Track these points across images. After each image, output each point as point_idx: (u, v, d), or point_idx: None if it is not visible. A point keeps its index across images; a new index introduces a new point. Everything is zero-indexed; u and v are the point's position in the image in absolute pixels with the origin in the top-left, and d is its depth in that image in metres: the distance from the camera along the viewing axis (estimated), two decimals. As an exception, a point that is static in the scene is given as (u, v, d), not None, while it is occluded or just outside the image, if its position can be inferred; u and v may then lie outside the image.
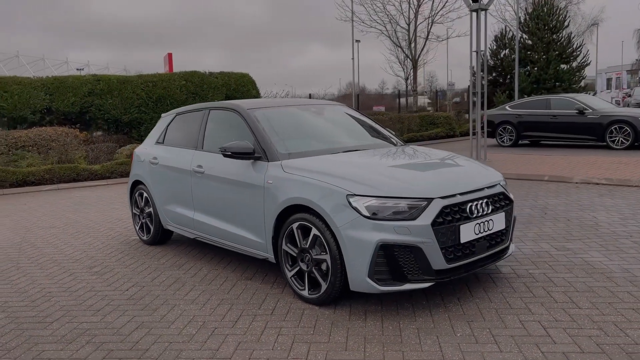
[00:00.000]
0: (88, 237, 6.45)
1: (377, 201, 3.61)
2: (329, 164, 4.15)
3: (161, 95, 15.64)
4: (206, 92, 16.49)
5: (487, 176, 4.21)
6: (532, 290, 4.06)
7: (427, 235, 3.56)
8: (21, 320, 3.87)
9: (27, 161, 11.48)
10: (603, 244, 5.18)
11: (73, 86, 14.60)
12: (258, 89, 18.17)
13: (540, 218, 6.42)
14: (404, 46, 23.92)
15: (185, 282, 4.60)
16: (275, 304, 3.99)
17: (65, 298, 4.31)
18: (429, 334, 3.38)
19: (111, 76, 15.46)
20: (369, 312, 3.75)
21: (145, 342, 3.43)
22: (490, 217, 3.91)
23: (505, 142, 15.65)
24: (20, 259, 5.56)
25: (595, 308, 3.67)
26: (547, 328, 3.39)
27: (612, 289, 4.01)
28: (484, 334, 3.35)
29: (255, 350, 3.25)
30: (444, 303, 3.87)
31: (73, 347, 3.38)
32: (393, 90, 50.65)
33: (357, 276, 3.60)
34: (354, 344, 3.28)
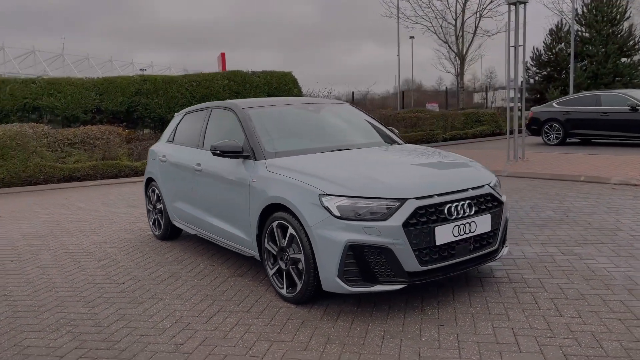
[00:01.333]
0: (108, 232, 6.74)
1: (349, 201, 3.58)
2: (310, 163, 4.15)
3: (204, 94, 16.05)
4: (248, 90, 16.78)
5: (475, 177, 4.08)
6: (519, 295, 3.90)
7: (397, 237, 3.50)
8: (18, 309, 4.11)
9: (74, 158, 12.10)
10: (615, 249, 4.90)
11: (121, 86, 15.25)
12: (300, 88, 18.30)
13: (559, 221, 6.14)
14: (451, 42, 23.36)
15: (179, 277, 4.73)
16: (256, 301, 4.04)
17: (65, 289, 4.53)
18: (394, 337, 3.33)
19: (157, 76, 16.02)
20: (343, 313, 3.73)
21: (119, 334, 3.56)
22: (473, 219, 3.79)
23: (552, 140, 15.03)
24: (40, 251, 5.90)
25: (578, 317, 3.49)
26: (518, 336, 3.26)
27: (605, 297, 3.80)
28: (450, 339, 3.26)
29: (217, 346, 3.31)
30: (422, 306, 3.79)
31: (52, 336, 3.57)
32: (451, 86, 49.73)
33: (328, 276, 3.60)
34: (316, 344, 3.28)
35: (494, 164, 11.18)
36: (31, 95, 14.41)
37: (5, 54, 59.27)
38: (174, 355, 3.22)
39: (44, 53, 63.71)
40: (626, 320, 3.40)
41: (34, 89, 14.51)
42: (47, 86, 14.67)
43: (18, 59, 60.47)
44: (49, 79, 15.35)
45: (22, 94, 14.31)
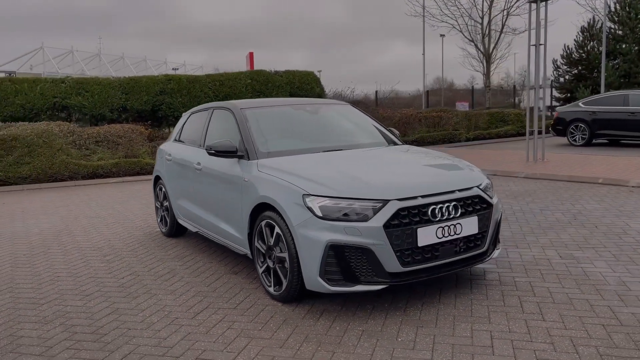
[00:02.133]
0: (120, 228, 6.94)
1: (331, 201, 3.63)
2: (298, 163, 4.20)
3: (227, 93, 16.27)
4: (270, 90, 16.93)
5: (463, 179, 4.07)
6: (506, 299, 3.88)
7: (378, 237, 3.53)
8: (20, 301, 4.29)
9: (98, 155, 12.46)
10: (617, 254, 4.80)
11: (146, 86, 15.59)
12: (322, 87, 18.38)
13: (566, 224, 6.04)
14: (477, 40, 23.03)
15: (177, 273, 4.85)
16: (244, 299, 4.12)
17: (67, 282, 4.71)
18: (371, 337, 3.36)
19: (181, 76, 16.32)
20: (326, 312, 3.77)
21: (108, 327, 3.69)
22: (458, 221, 3.79)
23: (578, 141, 14.70)
24: (52, 245, 6.12)
25: (560, 321, 3.45)
26: (495, 339, 3.25)
27: (593, 302, 3.74)
28: (426, 340, 3.27)
29: (198, 341, 3.40)
30: (406, 307, 3.81)
31: (46, 327, 3.72)
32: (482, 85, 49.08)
33: (310, 275, 3.65)
34: (293, 342, 3.34)
35: (511, 165, 11.02)
36: (60, 94, 14.87)
37: (45, 54, 61.26)
38: (154, 348, 3.32)
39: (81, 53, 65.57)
40: (609, 326, 3.35)
41: (63, 88, 14.97)
42: (76, 85, 15.11)
43: (57, 59, 62.42)
44: (78, 78, 15.82)
45: (52, 93, 14.79)
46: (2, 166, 11.38)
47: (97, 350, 3.32)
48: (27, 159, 11.59)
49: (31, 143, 11.61)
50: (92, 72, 57.78)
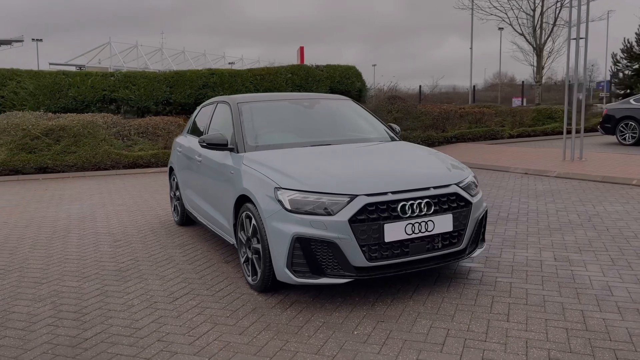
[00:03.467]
0: (139, 215, 7.28)
1: (300, 195, 3.71)
2: (279, 157, 4.30)
3: (268, 87, 16.54)
4: (310, 84, 17.06)
5: (441, 176, 4.04)
6: (479, 298, 3.83)
7: (343, 232, 3.58)
8: (25, 280, 4.63)
9: (139, 146, 13.01)
10: (616, 258, 4.62)
11: (190, 79, 16.08)
12: (364, 82, 18.33)
13: (577, 226, 5.84)
14: (528, 34, 22.22)
15: (173, 260, 5.07)
16: (225, 287, 4.27)
17: (72, 265, 5.02)
18: (329, 328, 3.42)
19: (223, 70, 16.72)
20: (297, 303, 3.86)
21: (91, 307, 3.93)
22: (430, 218, 3.77)
23: (627, 140, 13.99)
24: (73, 230, 6.51)
25: (524, 323, 3.39)
26: (450, 337, 3.24)
27: (568, 305, 3.64)
28: (381, 335, 3.30)
29: (166, 324, 3.57)
30: (375, 301, 3.84)
31: (37, 305, 4.01)
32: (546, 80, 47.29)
33: (279, 266, 3.75)
34: (254, 330, 3.45)
35: (545, 164, 10.66)
36: (109, 87, 15.59)
37: (112, 49, 64.22)
38: (124, 329, 3.52)
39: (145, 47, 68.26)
40: (573, 330, 3.26)
41: (112, 81, 15.69)
42: (124, 79, 15.80)
43: (123, 53, 65.27)
44: (126, 72, 16.52)
45: (101, 86, 15.53)
46: (51, 154, 12.10)
47: (73, 328, 3.56)
48: (73, 148, 12.26)
49: (77, 133, 12.28)
50: (155, 65, 60.10)
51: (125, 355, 3.14)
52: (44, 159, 12.02)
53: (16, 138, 11.94)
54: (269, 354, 3.10)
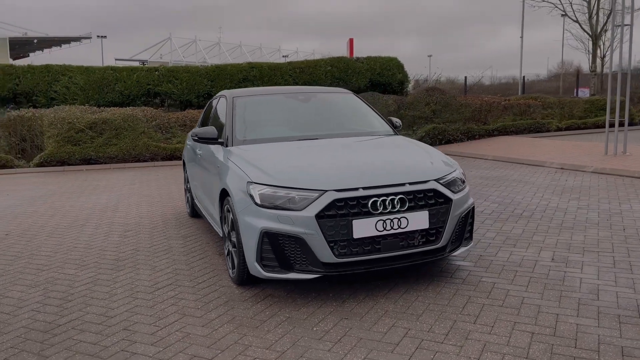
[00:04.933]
0: (158, 207, 7.51)
1: (270, 190, 3.71)
2: (260, 151, 4.32)
3: (307, 80, 16.58)
4: (350, 77, 16.97)
5: (419, 172, 3.92)
6: (454, 298, 3.71)
7: (310, 227, 3.55)
8: (30, 266, 4.88)
9: (177, 139, 13.39)
10: (619, 260, 4.35)
11: (230, 73, 16.38)
12: (406, 73, 18.06)
13: (593, 225, 5.55)
14: (582, 21, 21.07)
15: (171, 250, 5.20)
16: (209, 279, 4.34)
17: (77, 253, 5.25)
18: (291, 324, 3.41)
19: (263, 64, 16.90)
20: (270, 297, 3.87)
21: (77, 294, 4.10)
22: (404, 214, 3.68)
23: (684, 133, 13.04)
24: (91, 219, 6.80)
25: (490, 325, 3.26)
26: (407, 337, 3.15)
27: (544, 309, 3.47)
28: (339, 332, 3.26)
29: (137, 314, 3.68)
30: (347, 298, 3.79)
31: (31, 291, 4.22)
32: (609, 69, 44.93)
33: (250, 260, 3.77)
34: (218, 322, 3.49)
35: (584, 159, 10.14)
36: (153, 81, 16.12)
37: (172, 44, 66.33)
38: (98, 317, 3.65)
39: (203, 42, 70.18)
40: (539, 335, 3.11)
41: (156, 76, 16.21)
42: (167, 74, 16.28)
43: (182, 48, 67.26)
44: (170, 67, 17.01)
45: (146, 80, 16.08)
46: (94, 146, 12.66)
47: (52, 314, 3.72)
48: (114, 140, 12.78)
49: (118, 126, 12.77)
50: (213, 59, 61.61)
51: (86, 342, 3.26)
52: (87, 151, 12.59)
53: (62, 131, 12.57)
54: (222, 346, 3.13)
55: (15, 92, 15.56)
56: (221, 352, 3.07)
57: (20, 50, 65.43)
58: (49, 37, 64.90)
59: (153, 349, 3.14)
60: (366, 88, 16.94)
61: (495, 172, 9.69)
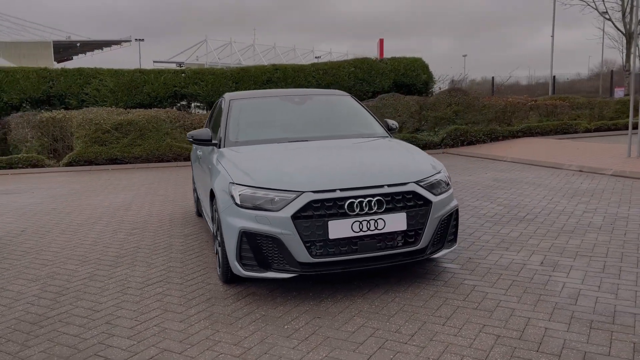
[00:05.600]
0: (170, 206, 7.72)
1: (250, 190, 3.80)
2: (246, 153, 4.43)
3: (330, 82, 16.66)
4: (374, 78, 16.96)
5: (399, 174, 3.95)
6: (430, 300, 3.73)
7: (286, 227, 3.63)
8: (36, 262, 5.12)
9: (200, 140, 13.68)
10: (610, 265, 4.28)
11: (255, 75, 16.59)
12: (431, 74, 17.90)
13: (595, 229, 5.45)
14: (615, 19, 20.43)
15: (170, 249, 5.37)
16: (199, 276, 4.47)
17: (82, 250, 5.47)
18: (264, 321, 3.50)
19: (287, 65, 17.06)
20: (252, 295, 3.97)
21: (72, 289, 4.29)
22: (381, 216, 3.72)
23: None
24: (104, 217, 7.06)
25: (458, 328, 3.27)
26: (373, 337, 3.20)
27: (518, 312, 3.45)
28: (308, 331, 3.32)
29: (122, 309, 3.83)
30: (326, 297, 3.86)
31: (30, 284, 4.43)
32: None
33: (231, 259, 3.88)
34: (195, 318, 3.60)
35: (604, 162, 9.90)
36: (180, 83, 16.48)
37: (208, 46, 67.51)
38: (85, 310, 3.82)
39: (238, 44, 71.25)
40: (504, 338, 3.10)
41: (182, 78, 16.57)
42: (193, 75, 16.62)
43: (218, 50, 68.42)
44: (196, 69, 17.36)
45: (172, 82, 16.45)
46: (119, 147, 13.06)
47: (44, 307, 3.92)
48: (138, 141, 13.16)
49: (142, 127, 13.15)
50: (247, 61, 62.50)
51: (69, 334, 3.42)
52: (113, 151, 13.00)
53: (90, 132, 13.02)
54: (193, 341, 3.24)
55: (49, 94, 16.16)
56: (191, 346, 3.18)
57: (64, 54, 67.82)
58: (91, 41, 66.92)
59: (128, 342, 3.27)
60: (390, 89, 16.90)
61: (510, 174, 9.56)
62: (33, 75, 15.90)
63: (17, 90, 15.65)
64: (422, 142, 13.91)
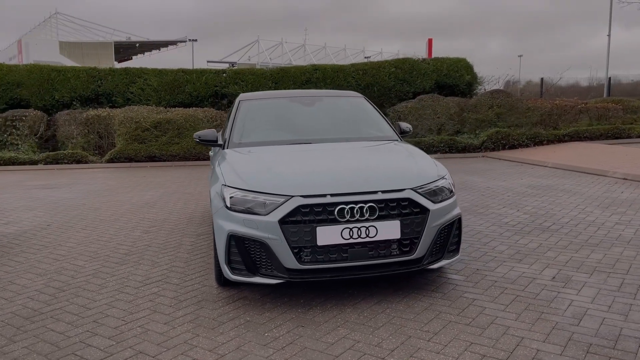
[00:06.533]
0: (192, 205, 7.79)
1: (240, 193, 3.74)
2: (245, 155, 4.38)
3: (369, 82, 16.46)
4: (415, 78, 16.63)
5: (395, 180, 3.78)
6: (422, 314, 3.56)
7: (273, 232, 3.55)
8: (50, 256, 5.24)
9: (236, 139, 13.82)
10: (628, 284, 3.98)
11: (294, 75, 16.60)
12: (475, 75, 17.39)
13: (622, 242, 5.10)
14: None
15: (179, 248, 5.38)
16: (197, 277, 4.45)
17: (95, 246, 5.57)
18: (246, 328, 3.42)
19: (327, 65, 16.98)
20: (243, 299, 3.91)
21: (73, 285, 4.35)
22: (372, 223, 3.58)
23: None
24: (126, 214, 7.19)
25: (443, 344, 3.09)
26: (352, 349, 3.07)
27: (513, 330, 3.24)
28: (287, 340, 3.23)
29: (113, 308, 3.84)
30: (315, 305, 3.74)
31: (36, 279, 4.53)
32: None
33: (221, 262, 3.83)
34: (180, 321, 3.57)
35: (635, 167, 9.29)
36: (221, 83, 16.70)
37: (260, 46, 68.50)
38: (78, 307, 3.85)
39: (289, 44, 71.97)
40: (489, 358, 2.90)
41: (223, 78, 16.78)
42: (234, 76, 16.80)
43: (269, 50, 69.30)
44: (236, 69, 17.56)
45: (213, 82, 16.69)
46: (158, 145, 13.36)
47: (42, 302, 3.99)
48: (176, 139, 13.41)
49: (180, 126, 13.40)
50: (297, 61, 62.99)
51: (55, 331, 3.46)
52: (152, 149, 13.31)
53: (130, 129, 13.38)
54: (170, 345, 3.21)
55: (98, 92, 16.73)
56: (166, 350, 3.15)
57: (124, 54, 70.44)
58: (149, 41, 69.15)
59: (107, 342, 3.27)
60: (431, 90, 16.53)
61: (548, 180, 9.12)
62: (83, 74, 16.49)
63: (67, 88, 16.28)
64: (460, 145, 13.51)
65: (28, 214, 7.42)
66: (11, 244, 5.74)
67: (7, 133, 14.45)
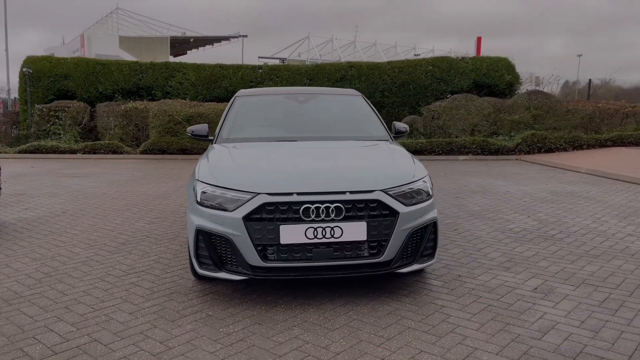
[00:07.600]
0: (205, 198, 7.92)
1: (210, 189, 3.77)
2: (225, 151, 4.39)
3: (405, 80, 16.25)
4: (452, 77, 16.30)
5: (366, 181, 3.71)
6: (386, 318, 3.49)
7: (237, 229, 3.56)
8: (52, 242, 5.46)
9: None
10: (613, 299, 3.77)
11: (329, 72, 16.59)
12: (516, 74, 16.88)
13: (627, 255, 4.83)
14: None
15: (175, 240, 5.48)
16: (179, 269, 4.52)
17: (97, 234, 5.75)
18: (205, 323, 3.45)
19: (362, 63, 16.86)
20: (214, 293, 3.95)
21: (61, 270, 4.51)
22: (338, 224, 3.53)
23: None
24: (139, 205, 7.39)
25: (391, 350, 3.02)
26: (298, 350, 3.04)
27: (469, 341, 3.13)
28: (239, 336, 3.23)
29: (88, 295, 3.95)
30: (280, 303, 3.74)
31: (30, 263, 4.72)
32: None
33: (191, 256, 3.87)
34: (145, 312, 3.63)
35: None
36: (256, 79, 16.89)
37: (310, 43, 68.88)
38: (56, 293, 3.99)
39: (339, 41, 71.94)
40: None
41: (259, 74, 16.97)
42: (269, 72, 16.96)
43: (319, 47, 69.54)
44: (272, 65, 17.69)
45: (249, 77, 16.90)
46: (189, 138, 13.62)
47: (27, 286, 4.14)
48: (207, 133, 13.64)
49: (211, 120, 13.61)
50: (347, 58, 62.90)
51: (26, 315, 3.59)
52: (183, 142, 13.62)
53: (163, 122, 13.73)
54: (125, 335, 3.27)
55: (139, 86, 17.25)
56: (120, 339, 3.21)
57: (179, 49, 72.40)
58: (203, 37, 70.77)
59: (69, 328, 3.38)
60: (469, 89, 16.16)
61: (574, 186, 8.73)
62: (125, 68, 17.04)
63: (111, 81, 16.86)
64: (493, 147, 13.13)
65: (49, 200, 7.75)
66: (23, 229, 6.01)
67: (51, 123, 15.13)
